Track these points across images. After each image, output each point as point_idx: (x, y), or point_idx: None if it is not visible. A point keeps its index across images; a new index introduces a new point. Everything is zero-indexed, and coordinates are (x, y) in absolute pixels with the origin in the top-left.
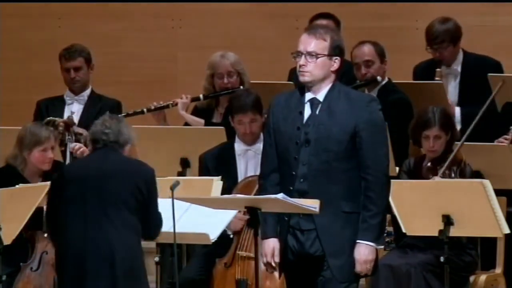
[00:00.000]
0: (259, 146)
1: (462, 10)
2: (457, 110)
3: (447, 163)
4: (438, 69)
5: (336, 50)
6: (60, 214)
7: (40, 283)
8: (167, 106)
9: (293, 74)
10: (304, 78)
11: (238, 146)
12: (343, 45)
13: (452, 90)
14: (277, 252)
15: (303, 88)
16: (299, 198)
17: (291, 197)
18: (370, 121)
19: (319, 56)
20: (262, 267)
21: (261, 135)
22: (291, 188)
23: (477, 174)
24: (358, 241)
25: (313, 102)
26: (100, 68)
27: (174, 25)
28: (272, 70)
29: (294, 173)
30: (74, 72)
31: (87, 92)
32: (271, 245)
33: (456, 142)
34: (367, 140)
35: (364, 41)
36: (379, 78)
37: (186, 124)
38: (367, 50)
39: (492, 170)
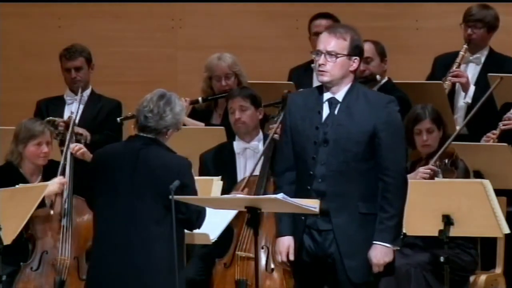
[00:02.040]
0: (258, 144)
1: (462, 10)
2: (472, 88)
3: (439, 152)
4: (465, 45)
5: (355, 50)
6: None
7: (40, 283)
8: None
9: (293, 74)
10: (323, 78)
11: (237, 145)
12: (362, 45)
13: (470, 77)
14: (291, 250)
15: (321, 86)
16: (317, 198)
17: (309, 197)
18: (389, 122)
19: (339, 55)
20: (262, 267)
21: (260, 133)
22: (309, 187)
23: (477, 174)
24: (374, 242)
25: (332, 101)
26: (100, 68)
27: (174, 25)
28: (272, 70)
29: (311, 172)
30: (75, 72)
31: (87, 92)
32: (286, 243)
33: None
34: (386, 141)
35: (365, 40)
36: (378, 77)
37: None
38: (367, 47)
39: (492, 170)
